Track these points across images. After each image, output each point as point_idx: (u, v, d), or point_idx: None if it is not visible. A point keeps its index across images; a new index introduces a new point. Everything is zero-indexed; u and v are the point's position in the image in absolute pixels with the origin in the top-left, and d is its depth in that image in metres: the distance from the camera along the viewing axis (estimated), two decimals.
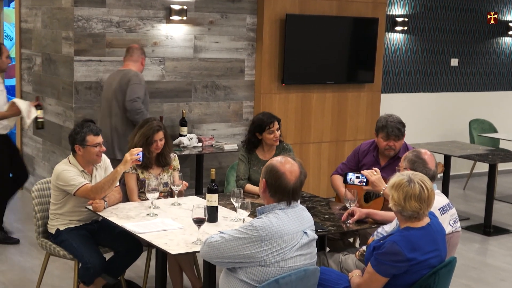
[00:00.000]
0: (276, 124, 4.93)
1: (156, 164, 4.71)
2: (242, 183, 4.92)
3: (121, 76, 5.74)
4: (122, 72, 5.78)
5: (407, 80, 8.71)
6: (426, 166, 3.77)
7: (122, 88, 5.69)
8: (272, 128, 4.90)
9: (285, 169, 3.09)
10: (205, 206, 3.56)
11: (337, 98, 7.75)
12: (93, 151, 4.30)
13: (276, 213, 3.08)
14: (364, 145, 4.93)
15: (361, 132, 7.96)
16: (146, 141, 4.61)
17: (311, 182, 7.66)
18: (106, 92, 5.80)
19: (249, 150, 5.01)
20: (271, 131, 4.91)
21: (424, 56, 8.77)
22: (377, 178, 4.22)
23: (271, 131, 4.91)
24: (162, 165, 4.72)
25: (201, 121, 7.02)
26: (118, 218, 4.03)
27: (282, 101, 7.38)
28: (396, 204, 3.19)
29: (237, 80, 7.18)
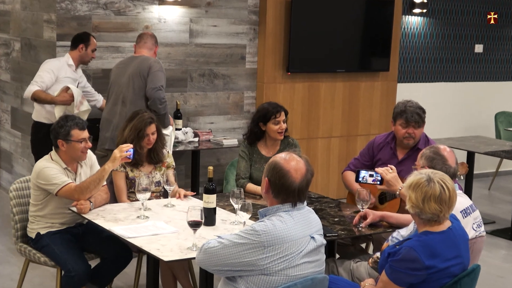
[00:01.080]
0: (283, 115, 4.93)
1: (148, 161, 4.72)
2: (242, 182, 4.92)
3: (140, 62, 5.73)
4: (138, 58, 5.77)
5: (426, 68, 8.70)
6: (445, 163, 3.77)
7: (142, 74, 5.68)
8: (278, 118, 4.90)
9: (290, 167, 3.09)
10: (201, 208, 3.56)
11: (348, 88, 7.74)
12: (78, 147, 4.30)
13: (280, 215, 3.08)
14: (379, 138, 4.93)
15: (375, 125, 7.96)
16: (138, 135, 4.61)
17: (319, 181, 7.66)
18: (117, 78, 5.75)
19: (251, 143, 5.02)
20: (276, 121, 4.91)
21: (445, 42, 8.75)
22: (393, 176, 4.22)
23: (276, 121, 4.91)
24: (154, 162, 4.73)
25: (197, 114, 7.02)
26: (105, 220, 4.04)
27: (287, 91, 7.38)
28: (413, 206, 3.19)
29: (237, 68, 7.18)
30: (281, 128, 4.91)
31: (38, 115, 5.99)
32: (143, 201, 4.13)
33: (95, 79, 6.40)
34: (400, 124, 4.69)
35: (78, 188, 4.20)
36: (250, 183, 4.92)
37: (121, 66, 5.81)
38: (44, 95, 5.77)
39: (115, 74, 5.81)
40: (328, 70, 7.56)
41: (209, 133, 6.84)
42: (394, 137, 4.82)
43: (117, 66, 5.87)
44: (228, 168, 6.06)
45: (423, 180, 3.18)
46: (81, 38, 5.97)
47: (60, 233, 4.38)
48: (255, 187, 4.84)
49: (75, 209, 4.19)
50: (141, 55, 5.83)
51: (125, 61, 5.87)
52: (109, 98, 5.80)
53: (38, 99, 5.78)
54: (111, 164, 4.23)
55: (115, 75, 5.80)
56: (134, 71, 5.71)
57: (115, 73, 5.81)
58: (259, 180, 4.87)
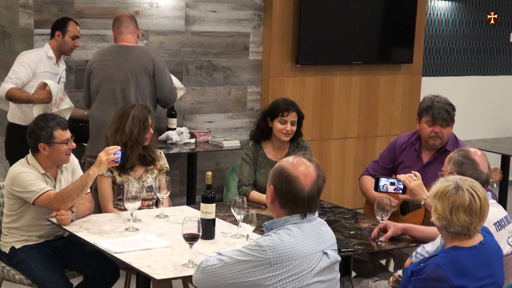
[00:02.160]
0: (293, 115, 4.93)
1: (139, 162, 4.73)
2: (245, 189, 4.92)
3: (138, 55, 5.74)
4: (133, 50, 5.76)
5: (454, 60, 8.69)
6: (476, 168, 3.77)
7: (147, 71, 5.72)
8: (285, 117, 4.91)
9: (298, 172, 3.08)
10: (198, 219, 3.56)
11: (366, 82, 7.74)
12: (62, 149, 4.31)
13: (289, 228, 3.07)
14: (402, 138, 4.94)
15: (396, 125, 7.95)
16: (143, 125, 4.66)
17: (333, 188, 7.66)
18: (109, 73, 5.70)
19: (256, 141, 5.03)
20: (283, 120, 4.92)
21: (477, 30, 8.74)
22: (417, 184, 4.21)
23: (283, 120, 4.92)
24: (147, 163, 4.74)
25: (194, 111, 7.02)
26: (89, 233, 4.04)
27: (297, 86, 7.37)
28: (440, 218, 3.18)
29: (239, 59, 7.18)
30: (286, 129, 4.92)
31: (12, 116, 5.99)
32: (132, 211, 4.13)
33: (78, 72, 6.40)
34: (426, 121, 4.69)
35: (58, 196, 4.20)
36: (254, 191, 4.92)
37: (110, 59, 5.75)
38: (19, 93, 5.76)
39: (103, 69, 5.74)
40: (343, 62, 7.55)
41: (207, 134, 6.84)
42: (419, 137, 4.82)
43: (103, 58, 5.78)
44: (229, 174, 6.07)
45: (450, 188, 3.18)
46: (58, 24, 5.94)
47: (37, 247, 4.39)
48: (260, 196, 4.84)
49: (54, 220, 4.20)
50: (131, 44, 5.83)
51: (113, 53, 5.80)
52: (97, 96, 5.75)
53: (13, 98, 5.77)
54: (97, 169, 4.23)
55: (104, 70, 5.74)
56: (134, 66, 5.70)
57: (103, 68, 5.75)
58: (265, 187, 4.81)
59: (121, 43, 5.85)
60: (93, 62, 5.81)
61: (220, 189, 6.84)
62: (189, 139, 6.68)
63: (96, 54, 5.88)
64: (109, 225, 4.18)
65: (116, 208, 4.65)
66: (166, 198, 4.48)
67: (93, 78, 5.77)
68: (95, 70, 5.77)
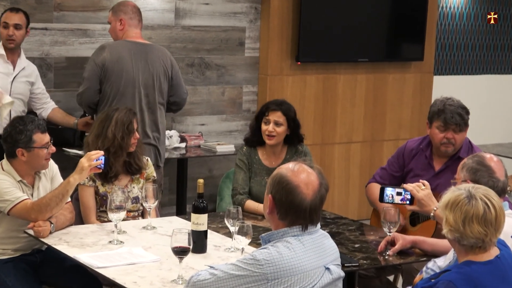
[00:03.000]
0: (278, 115, 4.93)
1: (124, 171, 4.74)
2: (240, 198, 4.93)
3: (160, 55, 5.71)
4: (152, 48, 5.72)
5: (469, 57, 8.70)
6: (492, 176, 3.77)
7: (167, 73, 5.73)
8: (268, 117, 4.94)
9: (299, 181, 3.09)
10: (189, 231, 3.56)
11: (372, 81, 7.75)
12: (42, 154, 4.31)
13: (288, 241, 3.08)
14: (411, 143, 4.94)
15: (406, 128, 7.96)
16: (127, 129, 4.65)
17: (337, 197, 7.66)
18: (133, 75, 5.61)
19: (250, 145, 5.04)
20: (266, 120, 4.95)
21: (493, 25, 8.75)
22: (426, 194, 4.21)
23: (266, 120, 4.95)
24: (132, 171, 4.74)
25: (184, 113, 7.03)
26: (70, 246, 4.03)
27: (297, 85, 7.38)
28: (452, 230, 3.18)
29: (234, 56, 7.18)
30: (268, 130, 4.93)
31: None
32: (116, 222, 4.13)
33: (57, 70, 6.41)
34: (437, 127, 4.70)
35: (36, 206, 4.20)
36: (250, 200, 4.93)
37: (131, 58, 5.62)
38: None
39: (125, 70, 5.58)
40: (347, 60, 7.56)
41: (199, 137, 6.84)
42: (430, 143, 4.83)
43: (121, 56, 5.58)
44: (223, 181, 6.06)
45: (463, 197, 3.18)
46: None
47: (13, 261, 4.38)
48: (256, 205, 4.85)
49: (32, 232, 4.19)
50: (146, 42, 5.78)
51: (132, 51, 5.63)
52: (117, 101, 5.55)
53: None
54: (78, 176, 4.23)
55: (126, 72, 5.58)
56: (158, 69, 5.68)
57: (124, 69, 5.58)
58: (260, 195, 4.88)
59: (135, 40, 5.72)
60: (107, 60, 5.58)
61: (213, 198, 6.84)
62: (179, 144, 6.68)
63: (109, 51, 5.61)
64: (91, 238, 4.17)
65: (99, 220, 4.65)
66: (153, 208, 4.47)
67: (109, 78, 5.58)
68: (111, 70, 5.58)
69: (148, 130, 5.68)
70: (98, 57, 5.60)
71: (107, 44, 5.70)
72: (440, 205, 3.25)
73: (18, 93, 5.79)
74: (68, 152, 6.07)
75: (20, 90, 5.81)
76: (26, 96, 5.87)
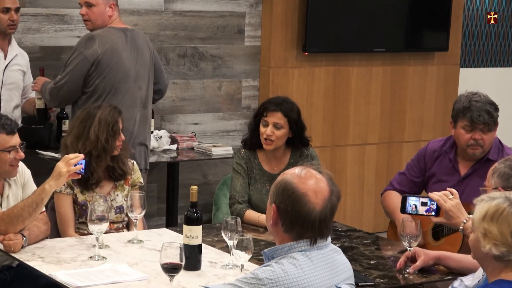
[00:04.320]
0: (278, 116, 4.90)
1: (107, 176, 4.74)
2: (239, 208, 4.93)
3: (143, 41, 5.80)
4: (137, 35, 5.77)
5: (500, 47, 8.70)
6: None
7: (152, 60, 5.85)
8: (266, 118, 4.93)
9: (307, 188, 3.08)
10: (181, 245, 3.57)
11: (390, 74, 7.75)
12: (5, 158, 4.29)
13: (294, 257, 3.08)
14: (433, 144, 4.95)
15: (428, 128, 7.96)
16: (112, 129, 4.65)
17: (349, 207, 7.67)
18: (127, 68, 5.64)
19: (249, 148, 5.05)
20: (264, 121, 4.94)
21: None
22: (454, 204, 4.19)
23: (264, 121, 4.94)
24: (116, 177, 4.75)
25: (175, 111, 7.03)
26: (44, 262, 4.03)
27: (304, 79, 7.39)
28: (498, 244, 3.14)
29: (233, 45, 7.18)
30: (266, 134, 4.92)
31: None
32: (98, 235, 4.13)
33: (32, 61, 6.40)
34: (463, 126, 4.70)
35: (5, 217, 4.20)
36: (250, 210, 4.93)
37: (123, 49, 5.65)
38: None
39: (120, 62, 5.62)
40: (361, 50, 7.57)
41: (192, 138, 6.84)
42: (455, 143, 4.83)
43: (114, 48, 5.61)
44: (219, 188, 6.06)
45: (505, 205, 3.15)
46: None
47: None
48: (257, 216, 4.85)
49: (1, 246, 4.19)
50: (129, 27, 5.83)
51: (122, 40, 5.66)
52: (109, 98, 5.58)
53: None
54: (54, 182, 4.22)
55: (121, 64, 5.63)
56: (147, 57, 5.76)
57: (119, 61, 5.62)
58: (260, 205, 4.89)
59: (121, 26, 5.76)
60: (99, 54, 5.58)
61: (208, 207, 6.84)
62: (170, 145, 6.68)
63: (100, 42, 5.60)
64: (69, 253, 4.17)
65: (77, 233, 4.65)
66: (140, 219, 4.48)
67: (101, 74, 5.59)
68: (105, 65, 5.59)
69: (140, 128, 5.69)
70: (87, 49, 5.58)
71: (96, 34, 5.65)
72: (476, 217, 3.20)
73: (11, 83, 5.86)
74: (43, 155, 6.06)
75: (12, 79, 5.87)
76: (19, 86, 5.93)
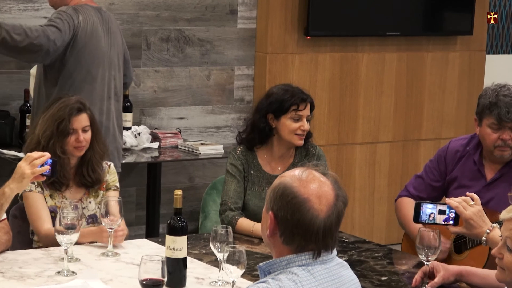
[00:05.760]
0: (309, 108, 4.96)
1: (76, 181, 4.74)
2: (231, 216, 4.93)
3: (114, 23, 5.82)
4: (109, 15, 5.80)
5: None
6: None
7: (123, 50, 5.89)
8: (301, 112, 4.92)
9: (309, 192, 3.08)
10: (163, 259, 3.57)
11: (405, 62, 7.76)
12: None
13: (294, 273, 3.07)
14: (455, 144, 4.96)
15: (449, 124, 7.98)
16: (58, 129, 4.61)
17: (358, 215, 7.68)
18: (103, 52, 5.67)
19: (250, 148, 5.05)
20: (297, 115, 4.92)
21: None
22: (475, 212, 4.19)
23: (297, 115, 4.92)
24: (87, 183, 4.75)
25: (157, 103, 7.04)
26: (5, 278, 4.03)
27: (306, 67, 7.40)
28: None
29: (223, 28, 7.19)
30: (302, 127, 4.92)
31: None
32: (67, 247, 4.12)
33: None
34: (489, 125, 4.71)
35: None
36: (243, 218, 4.93)
37: (98, 30, 5.66)
38: None
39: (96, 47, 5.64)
40: (372, 33, 7.59)
41: (176, 135, 6.85)
42: (480, 144, 4.84)
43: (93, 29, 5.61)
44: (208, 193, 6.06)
45: None
46: None
47: None
48: (252, 225, 4.86)
49: None
50: (99, 6, 5.83)
51: (97, 20, 5.66)
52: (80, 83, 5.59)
53: None
54: (16, 186, 4.21)
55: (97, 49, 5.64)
56: (119, 41, 5.80)
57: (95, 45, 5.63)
58: (259, 211, 4.85)
59: (94, 5, 5.77)
60: (80, 29, 5.58)
61: (194, 215, 6.85)
62: (150, 143, 6.69)
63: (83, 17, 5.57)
64: (33, 267, 4.17)
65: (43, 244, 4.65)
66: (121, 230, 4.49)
67: (77, 52, 5.58)
68: (81, 45, 5.59)
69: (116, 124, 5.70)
70: (74, 17, 5.53)
71: (79, 7, 5.62)
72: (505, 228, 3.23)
73: None
74: (4, 154, 6.07)
75: None
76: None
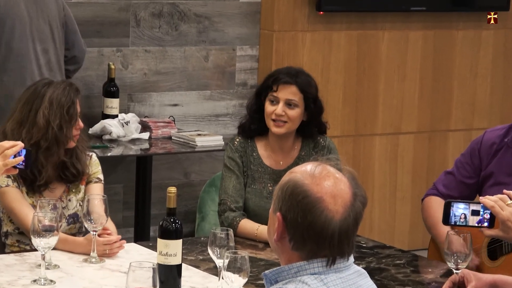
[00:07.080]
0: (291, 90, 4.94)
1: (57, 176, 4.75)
2: (232, 217, 4.94)
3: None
4: None
5: None
6: None
7: (61, 18, 5.92)
8: (275, 93, 4.94)
9: (322, 191, 3.07)
10: (154, 265, 3.56)
11: (432, 41, 7.76)
12: None
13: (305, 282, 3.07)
14: (491, 135, 4.96)
15: (482, 112, 7.98)
16: (67, 113, 4.64)
17: (377, 217, 7.69)
18: (27, 23, 5.78)
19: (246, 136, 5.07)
20: (272, 97, 4.95)
21: None
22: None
23: (272, 97, 4.95)
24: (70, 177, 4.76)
25: (148, 88, 7.05)
26: None
27: (319, 46, 7.40)
28: None
29: (224, 2, 7.19)
30: (276, 113, 4.92)
31: None
32: (45, 252, 4.13)
33: None
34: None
35: None
36: (246, 219, 4.94)
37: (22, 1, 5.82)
38: None
39: (18, 16, 5.77)
40: (394, 8, 7.59)
41: (170, 124, 6.85)
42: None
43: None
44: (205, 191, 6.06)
45: None
46: None
47: None
48: (256, 227, 4.87)
49: None
50: None
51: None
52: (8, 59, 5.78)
53: None
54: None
55: (19, 18, 5.77)
56: (54, 11, 5.85)
57: (17, 14, 5.77)
58: (260, 212, 4.93)
59: None
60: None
61: (190, 216, 6.86)
62: (140, 134, 6.69)
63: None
64: (6, 274, 4.19)
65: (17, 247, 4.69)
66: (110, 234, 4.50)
67: None
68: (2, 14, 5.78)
69: None
70: None
71: None
72: None
73: None
74: None
75: None
76: None
